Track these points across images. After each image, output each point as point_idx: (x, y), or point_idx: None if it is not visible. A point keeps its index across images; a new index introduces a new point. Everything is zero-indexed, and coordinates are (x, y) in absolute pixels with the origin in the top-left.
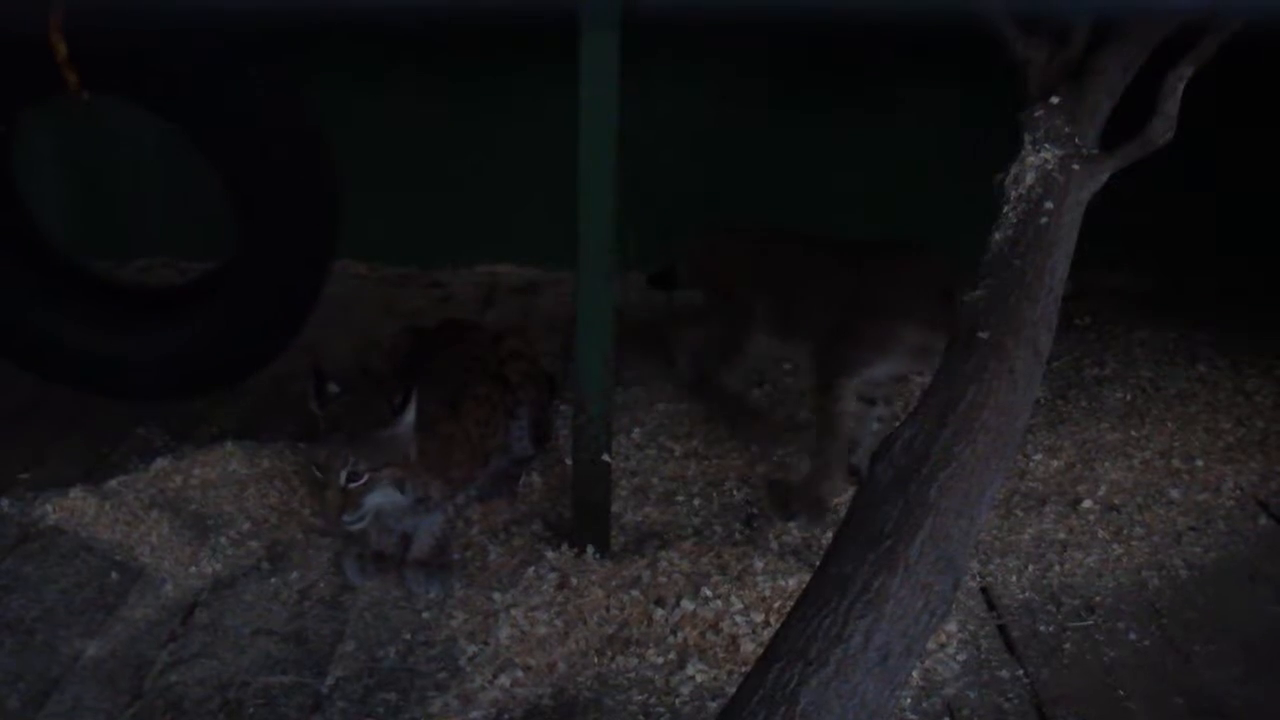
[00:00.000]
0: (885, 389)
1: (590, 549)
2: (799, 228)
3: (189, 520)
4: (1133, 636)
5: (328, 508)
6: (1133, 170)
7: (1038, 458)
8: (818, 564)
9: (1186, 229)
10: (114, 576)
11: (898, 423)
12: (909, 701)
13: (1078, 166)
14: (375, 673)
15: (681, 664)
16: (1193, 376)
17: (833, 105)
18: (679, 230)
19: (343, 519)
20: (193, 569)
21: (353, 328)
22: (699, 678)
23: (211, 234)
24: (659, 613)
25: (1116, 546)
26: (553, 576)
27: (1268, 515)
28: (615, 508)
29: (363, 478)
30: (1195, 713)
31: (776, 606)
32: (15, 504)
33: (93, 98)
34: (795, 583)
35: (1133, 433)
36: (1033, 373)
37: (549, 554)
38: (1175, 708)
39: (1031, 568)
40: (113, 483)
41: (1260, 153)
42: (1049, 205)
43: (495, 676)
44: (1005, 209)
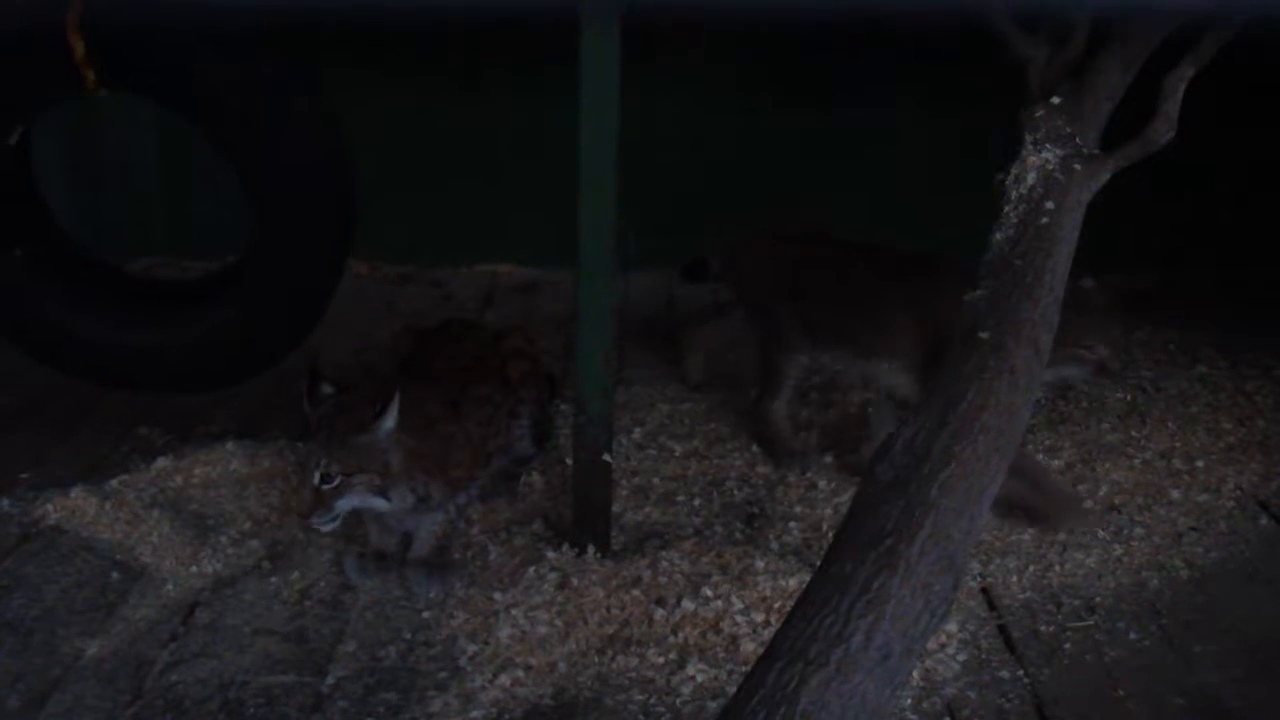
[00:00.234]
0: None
1: (591, 549)
2: (843, 234)
3: (190, 520)
4: (1133, 637)
5: (300, 506)
6: (1133, 170)
7: (1039, 458)
8: (818, 564)
9: (1187, 228)
10: (114, 576)
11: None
12: (909, 701)
13: (1079, 166)
14: (376, 672)
15: (682, 664)
16: (1193, 377)
17: (833, 105)
18: (678, 230)
19: (312, 519)
20: (193, 568)
21: (353, 327)
22: (699, 677)
23: (213, 233)
24: (659, 612)
25: (1117, 547)
26: (553, 576)
27: (1268, 516)
28: (616, 507)
29: (335, 480)
30: (1195, 713)
31: (777, 606)
32: (16, 504)
33: (110, 95)
34: (796, 582)
35: (1133, 433)
36: (1033, 372)
37: (550, 554)
38: (1175, 708)
39: (1032, 568)
40: (113, 482)
41: (1261, 151)
42: (1050, 205)
43: (496, 676)
44: (1006, 209)
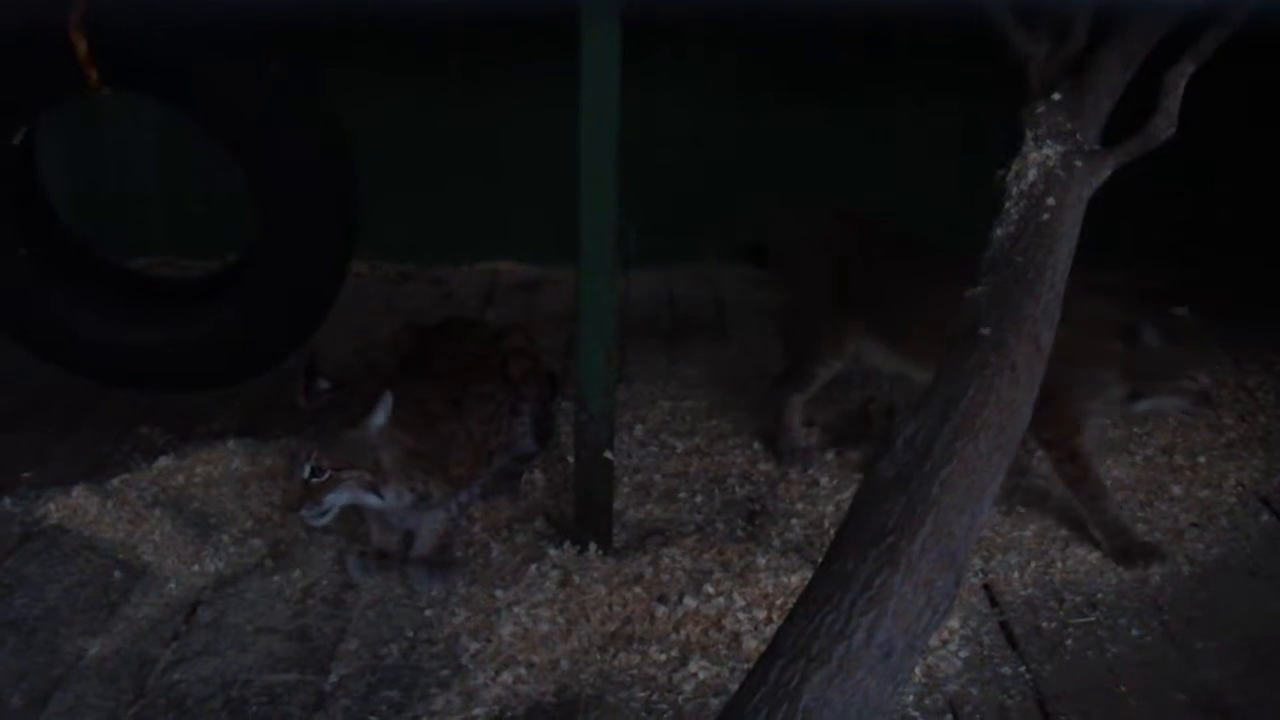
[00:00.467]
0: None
1: (592, 546)
2: (919, 234)
3: (191, 518)
4: (1135, 633)
5: (289, 498)
6: (1134, 166)
7: (1040, 454)
8: (820, 561)
9: (1187, 225)
10: (117, 575)
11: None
12: (911, 698)
13: (1080, 163)
14: (378, 670)
15: (684, 661)
16: None
17: (833, 102)
18: (678, 228)
19: (301, 512)
20: (195, 567)
21: (354, 326)
22: (701, 675)
23: (212, 233)
24: (661, 610)
25: None
26: (555, 574)
27: (1270, 512)
28: (617, 505)
29: (324, 474)
30: (1197, 709)
31: (779, 603)
32: (18, 503)
33: (112, 94)
34: (798, 579)
35: (1135, 429)
36: (1035, 369)
37: (551, 551)
38: (1177, 704)
39: (1034, 564)
40: (115, 481)
41: (1261, 149)
42: (1051, 202)
43: (498, 674)
44: (1007, 205)
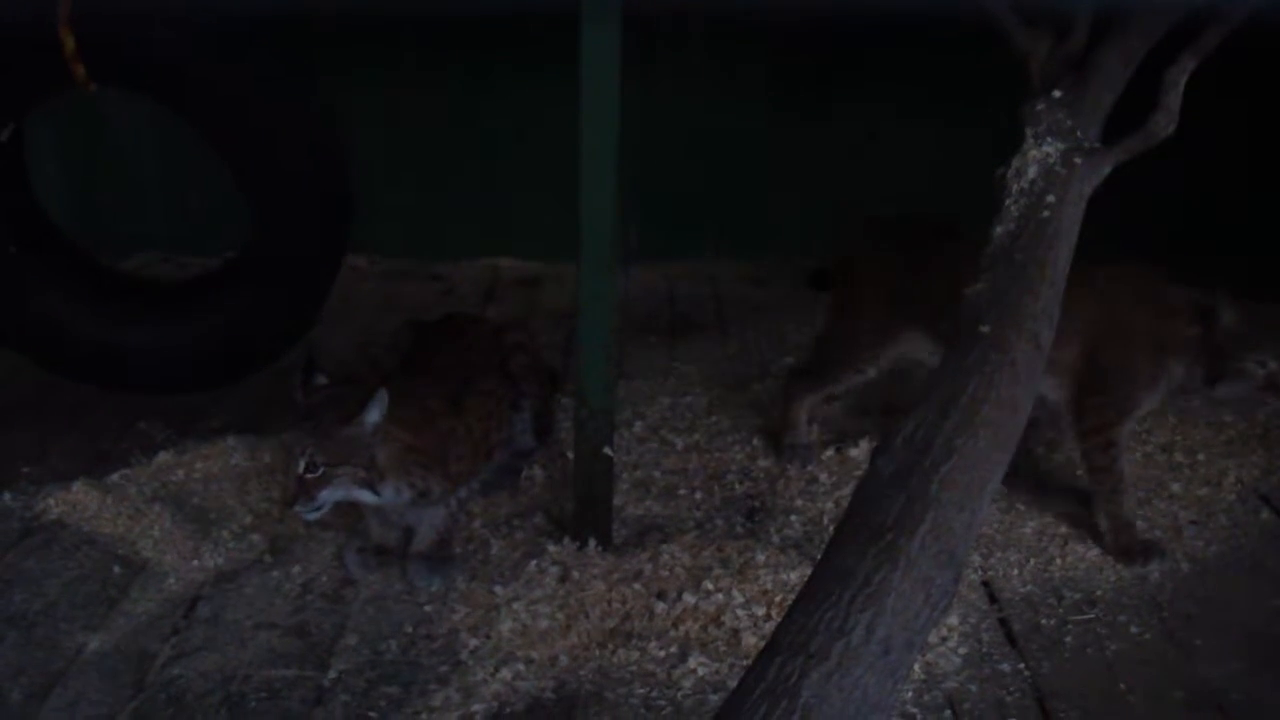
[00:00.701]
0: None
1: (592, 542)
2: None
3: (191, 514)
4: (1134, 630)
5: (284, 494)
6: (1134, 163)
7: (1039, 451)
8: (819, 557)
9: (1186, 222)
10: (116, 570)
11: None
12: (910, 695)
13: (1080, 160)
14: (377, 666)
15: (683, 657)
16: None
17: (833, 100)
18: (679, 225)
19: (296, 507)
20: (195, 562)
21: (353, 322)
22: (700, 671)
23: (211, 230)
24: (660, 606)
25: None
26: (554, 570)
27: (1269, 509)
28: (617, 501)
29: (318, 470)
30: (1196, 706)
31: (778, 600)
32: (17, 498)
33: (100, 90)
34: (797, 576)
35: (1134, 426)
36: (1034, 366)
37: (551, 547)
38: (1176, 701)
39: (1033, 561)
40: (114, 477)
41: (1261, 147)
42: (1051, 199)
43: (497, 670)
44: (1007, 202)
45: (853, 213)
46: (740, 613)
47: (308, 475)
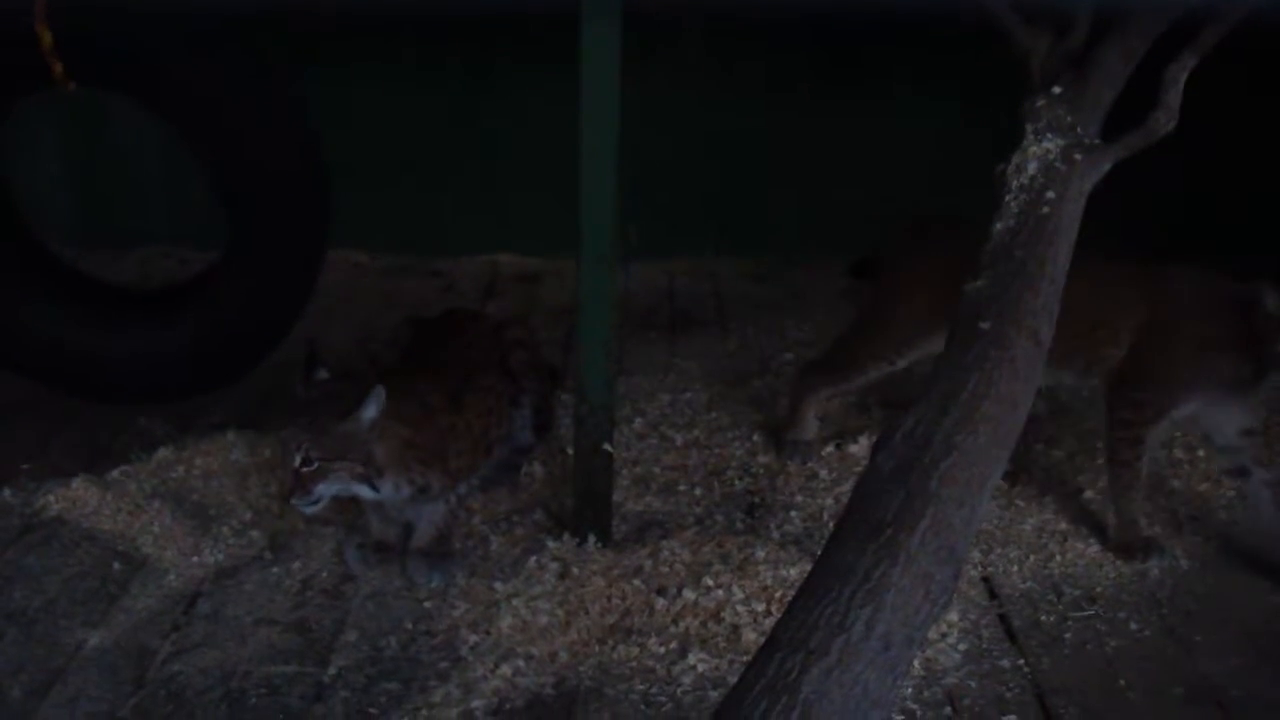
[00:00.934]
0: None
1: (592, 538)
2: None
3: (191, 510)
4: (1134, 626)
5: (280, 488)
6: (1134, 161)
7: (1039, 448)
8: (819, 553)
9: (1187, 221)
10: (116, 567)
11: None
12: (910, 691)
13: (1080, 157)
14: (377, 662)
15: (683, 653)
16: None
17: (832, 97)
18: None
19: (292, 501)
20: (195, 559)
21: (353, 318)
22: (700, 667)
23: (212, 224)
24: (660, 602)
25: None
26: (554, 566)
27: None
28: (617, 497)
29: (314, 464)
30: (1196, 702)
31: (778, 596)
32: (17, 495)
33: (79, 89)
34: (797, 572)
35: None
36: (1034, 363)
37: (550, 543)
38: (1176, 697)
39: (1033, 558)
40: (114, 473)
41: (1261, 147)
42: (1051, 195)
43: (497, 666)
44: (1007, 199)
45: (853, 212)
46: (740, 609)
47: (303, 469)
